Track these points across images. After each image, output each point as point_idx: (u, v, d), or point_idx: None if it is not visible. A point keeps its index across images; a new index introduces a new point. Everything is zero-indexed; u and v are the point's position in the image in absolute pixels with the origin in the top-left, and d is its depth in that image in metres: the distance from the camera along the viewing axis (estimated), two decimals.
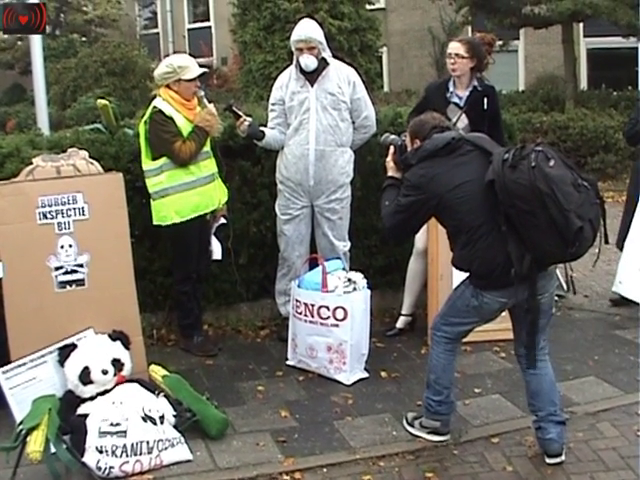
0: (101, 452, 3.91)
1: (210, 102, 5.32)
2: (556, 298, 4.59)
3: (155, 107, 5.13)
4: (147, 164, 5.16)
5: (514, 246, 3.69)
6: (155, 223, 5.20)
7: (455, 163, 3.85)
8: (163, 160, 5.11)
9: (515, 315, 4.02)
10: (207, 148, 5.28)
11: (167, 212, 5.16)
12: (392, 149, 4.29)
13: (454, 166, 3.84)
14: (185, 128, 5.14)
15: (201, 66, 5.23)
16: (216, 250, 5.46)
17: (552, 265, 3.89)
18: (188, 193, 5.16)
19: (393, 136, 4.39)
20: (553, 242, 3.59)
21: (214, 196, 5.32)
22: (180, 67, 5.12)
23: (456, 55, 5.43)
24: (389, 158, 4.30)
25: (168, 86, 5.16)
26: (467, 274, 3.97)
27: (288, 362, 5.27)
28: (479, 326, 4.14)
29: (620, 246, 6.39)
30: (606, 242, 3.77)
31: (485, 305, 3.91)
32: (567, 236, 3.54)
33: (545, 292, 3.87)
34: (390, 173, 4.26)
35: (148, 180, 5.16)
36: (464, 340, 4.31)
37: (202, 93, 5.28)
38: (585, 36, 19.27)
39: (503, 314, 4.08)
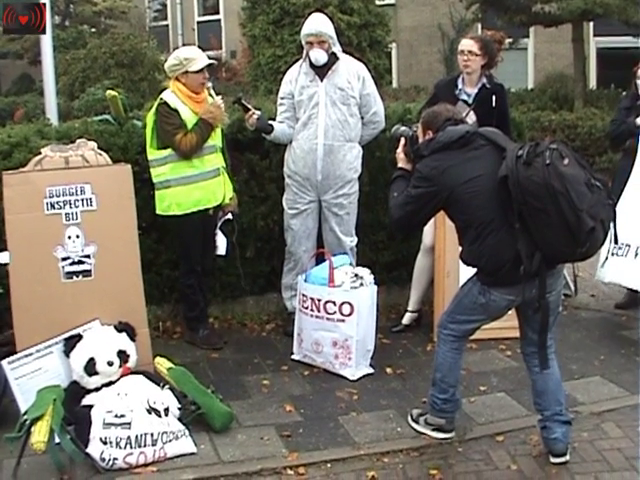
0: (105, 443, 3.91)
1: (218, 95, 5.31)
2: (562, 297, 4.57)
3: (161, 99, 5.14)
4: (152, 154, 5.16)
5: (524, 243, 3.66)
6: (157, 212, 5.21)
7: (468, 157, 3.82)
8: (168, 151, 5.11)
9: (522, 313, 4.00)
10: (213, 142, 5.25)
11: (169, 203, 5.16)
12: (403, 141, 4.26)
13: (467, 160, 3.81)
14: (190, 120, 5.12)
15: (210, 59, 5.22)
16: (221, 245, 5.44)
17: (561, 264, 3.88)
18: (190, 187, 5.14)
19: (404, 128, 4.34)
20: (564, 241, 3.57)
21: (218, 191, 5.28)
22: (186, 59, 5.12)
23: (469, 52, 5.42)
24: (399, 150, 4.26)
25: (177, 78, 5.17)
26: (474, 271, 3.95)
27: (293, 357, 5.27)
28: (486, 324, 4.12)
29: None
30: (615, 242, 3.76)
31: (492, 302, 3.89)
32: (578, 236, 3.52)
33: (553, 290, 3.85)
34: (400, 164, 4.23)
35: (152, 170, 5.17)
36: (470, 338, 4.29)
37: (210, 85, 5.28)
38: (595, 35, 19.24)
39: (510, 312, 4.07)
